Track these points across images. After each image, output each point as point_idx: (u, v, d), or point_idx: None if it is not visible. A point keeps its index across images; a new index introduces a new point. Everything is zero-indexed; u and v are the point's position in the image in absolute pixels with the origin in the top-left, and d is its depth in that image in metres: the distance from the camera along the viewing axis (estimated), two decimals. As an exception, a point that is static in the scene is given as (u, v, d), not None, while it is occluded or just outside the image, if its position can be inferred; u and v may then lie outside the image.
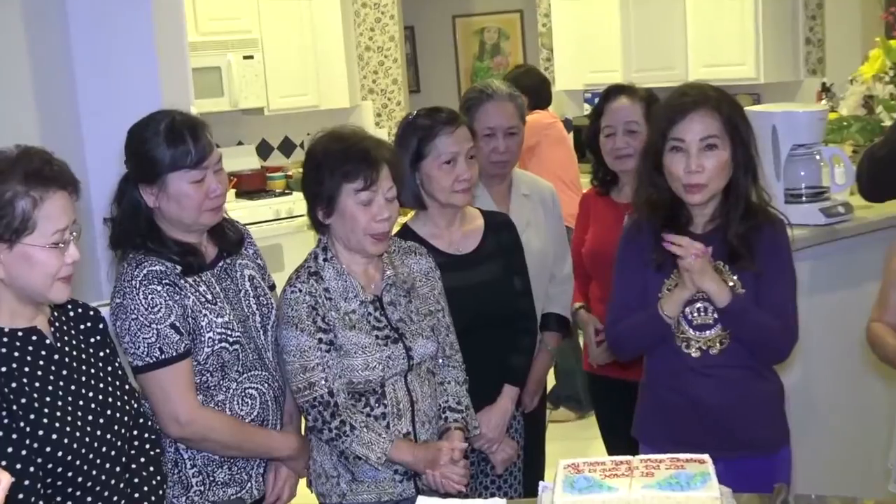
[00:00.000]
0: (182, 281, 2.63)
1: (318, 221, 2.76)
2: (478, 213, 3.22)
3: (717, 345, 2.71)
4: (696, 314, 2.71)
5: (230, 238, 2.80)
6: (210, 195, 2.64)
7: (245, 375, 2.71)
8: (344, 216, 2.70)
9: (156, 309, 2.57)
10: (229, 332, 2.66)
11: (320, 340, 2.67)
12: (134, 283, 2.58)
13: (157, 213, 2.67)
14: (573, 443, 5.21)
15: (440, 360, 2.88)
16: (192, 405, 2.60)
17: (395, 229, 2.94)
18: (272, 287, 2.91)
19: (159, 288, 2.58)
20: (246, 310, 2.75)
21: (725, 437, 2.68)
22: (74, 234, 2.25)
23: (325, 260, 2.76)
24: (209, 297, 2.66)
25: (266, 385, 2.75)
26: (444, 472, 2.69)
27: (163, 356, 2.56)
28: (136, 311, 2.57)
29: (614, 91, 3.51)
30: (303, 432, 2.85)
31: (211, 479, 2.69)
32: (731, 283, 2.68)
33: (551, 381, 5.33)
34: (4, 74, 3.27)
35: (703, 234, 2.72)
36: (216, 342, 2.64)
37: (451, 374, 2.90)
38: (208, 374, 2.66)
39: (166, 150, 2.59)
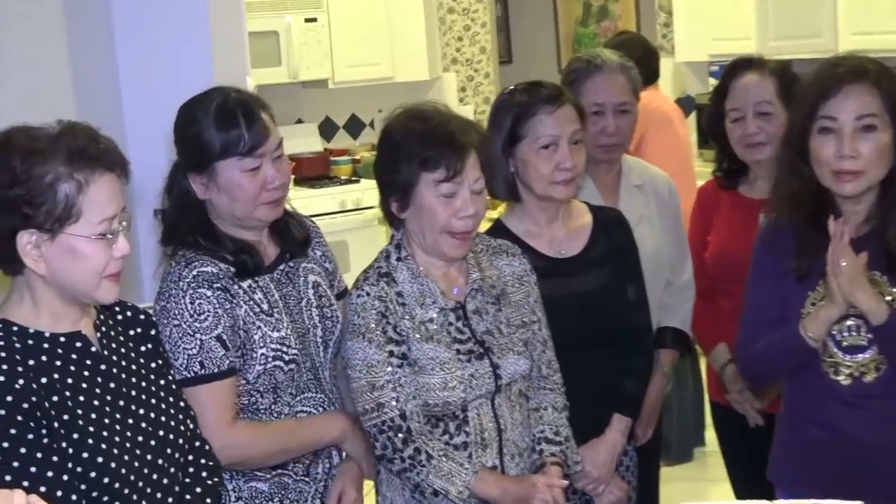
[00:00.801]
0: (235, 286, 2.66)
1: (391, 214, 2.78)
2: (585, 209, 3.20)
3: (873, 371, 2.66)
4: (846, 334, 2.67)
5: (295, 236, 2.83)
6: (267, 186, 2.67)
7: (298, 398, 2.75)
8: (421, 210, 2.71)
9: (202, 317, 2.61)
10: (285, 349, 2.69)
11: (391, 353, 2.68)
12: (181, 284, 2.62)
13: (208, 206, 2.71)
14: (689, 485, 5.17)
15: (535, 382, 2.88)
16: (227, 427, 2.63)
17: (484, 226, 2.94)
18: (341, 295, 2.93)
19: (209, 293, 2.62)
20: (307, 322, 2.78)
21: (881, 482, 2.63)
22: (124, 223, 2.28)
23: (398, 259, 2.78)
24: (265, 306, 2.69)
25: (321, 410, 2.78)
26: None
27: (203, 371, 2.60)
28: (179, 317, 2.61)
29: (740, 66, 3.47)
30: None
31: None
32: (889, 298, 2.63)
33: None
34: (34, 40, 3.34)
35: (857, 237, 2.67)
36: (270, 360, 2.67)
37: (549, 399, 2.89)
38: (258, 395, 2.69)
39: (216, 134, 2.63)
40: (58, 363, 2.24)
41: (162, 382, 2.42)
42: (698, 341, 3.70)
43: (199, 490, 2.42)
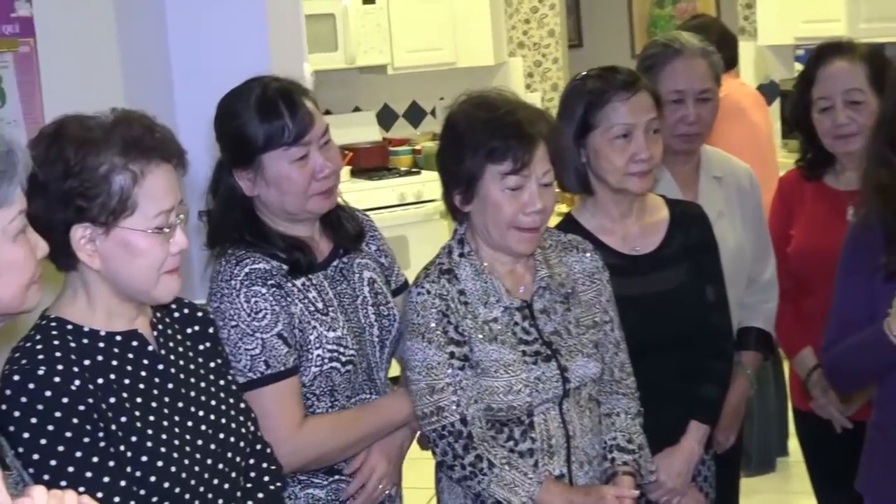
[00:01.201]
0: (289, 284, 2.69)
1: (454, 208, 2.79)
2: (661, 203, 3.20)
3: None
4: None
5: (347, 231, 2.85)
6: (317, 175, 2.69)
7: (353, 400, 2.78)
8: (486, 204, 2.72)
9: (260, 315, 2.64)
10: (342, 350, 2.72)
11: (452, 355, 2.70)
12: (234, 283, 2.65)
13: (256, 203, 2.73)
14: (771, 498, 5.15)
15: (606, 386, 2.88)
16: (297, 427, 2.65)
17: (554, 221, 2.95)
18: (401, 288, 2.96)
19: (264, 290, 2.65)
20: (363, 320, 2.80)
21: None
22: (181, 216, 2.30)
23: (461, 255, 2.79)
24: (320, 305, 2.72)
25: None
26: None
27: (269, 371, 2.63)
28: (237, 318, 2.64)
29: (828, 51, 3.44)
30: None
31: None
32: None
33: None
34: (83, 26, 3.39)
35: None
36: (326, 361, 2.70)
37: (621, 404, 2.90)
38: (314, 399, 2.72)
39: (259, 126, 2.65)
40: (114, 363, 2.26)
41: (221, 383, 2.44)
42: (781, 345, 3.68)
43: (261, 495, 2.44)
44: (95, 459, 2.15)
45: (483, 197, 2.71)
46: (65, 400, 2.14)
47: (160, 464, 2.21)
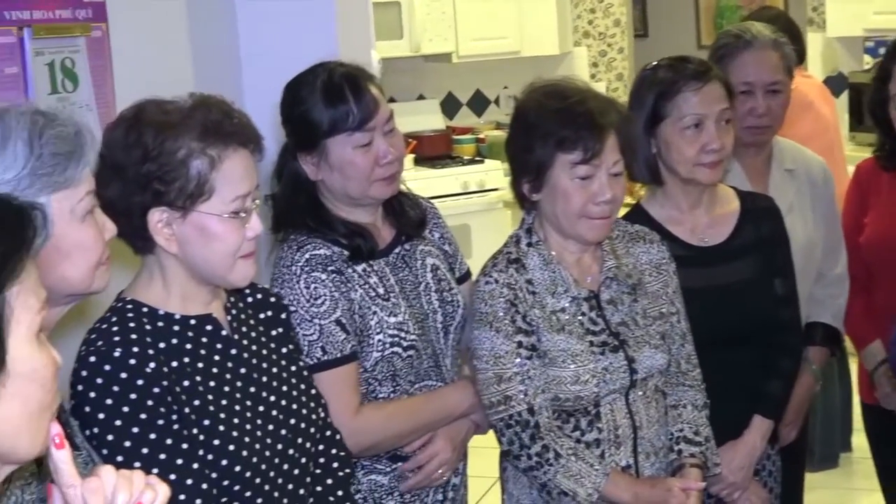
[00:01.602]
0: (350, 270, 2.71)
1: (523, 196, 2.79)
2: (732, 195, 3.18)
3: None
4: None
5: (410, 217, 2.86)
6: (380, 161, 2.70)
7: (417, 386, 2.78)
8: (555, 193, 2.72)
9: (319, 301, 2.65)
10: (403, 335, 2.73)
11: (520, 344, 2.70)
12: (294, 269, 2.67)
13: (320, 188, 2.75)
14: (834, 494, 5.11)
15: (673, 377, 2.87)
16: (354, 413, 2.66)
17: (623, 211, 2.94)
18: (464, 277, 2.96)
19: (324, 276, 2.66)
20: (426, 307, 2.81)
21: None
22: (257, 201, 2.32)
23: (529, 245, 2.79)
24: (381, 290, 2.73)
25: None
26: None
27: (325, 357, 2.64)
28: (296, 303, 2.65)
29: None
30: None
31: None
32: None
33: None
34: (153, 12, 3.41)
35: None
36: (387, 346, 2.71)
37: (688, 396, 2.88)
38: (376, 384, 2.73)
39: (324, 111, 2.67)
40: (188, 346, 2.27)
41: (293, 368, 2.45)
42: (850, 337, 3.65)
43: (329, 481, 2.46)
44: (169, 442, 2.16)
45: (552, 186, 2.71)
46: (140, 382, 2.16)
47: (232, 448, 2.22)
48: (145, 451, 2.14)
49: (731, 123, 3.05)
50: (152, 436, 2.15)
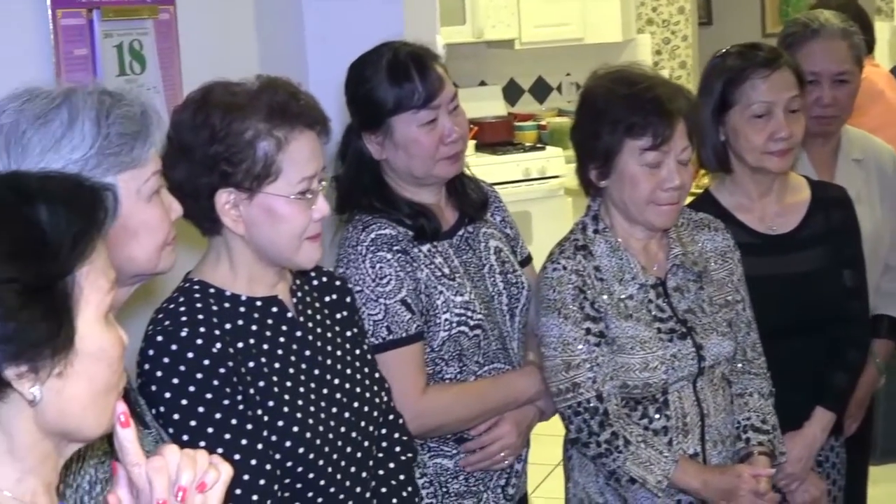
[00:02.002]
0: (415, 249, 2.71)
1: (589, 183, 2.78)
2: (804, 184, 3.15)
3: None
4: None
5: (473, 199, 2.86)
6: (445, 140, 2.70)
7: (486, 368, 2.77)
8: (623, 179, 2.71)
9: (384, 281, 2.66)
10: (470, 314, 2.72)
11: (588, 331, 2.69)
12: (360, 249, 2.68)
13: (384, 167, 2.75)
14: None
15: (739, 366, 2.86)
16: (419, 394, 2.67)
17: (690, 197, 2.93)
18: (526, 261, 2.95)
19: (389, 256, 2.67)
20: (491, 289, 2.81)
21: None
22: (323, 183, 2.32)
23: (595, 232, 2.78)
24: (446, 270, 2.73)
25: None
26: None
27: (391, 336, 2.65)
28: (361, 283, 2.66)
29: None
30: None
31: (444, 490, 2.76)
32: None
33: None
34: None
35: None
36: (454, 325, 2.70)
37: (754, 385, 2.87)
38: (443, 364, 2.73)
39: (389, 89, 2.68)
40: (254, 328, 2.28)
41: (357, 352, 2.46)
42: None
43: (392, 465, 2.46)
44: (234, 422, 2.17)
45: (620, 172, 2.70)
46: (206, 362, 2.17)
47: (295, 429, 2.23)
48: (210, 430, 2.16)
49: (800, 112, 3.02)
50: (217, 416, 2.16)
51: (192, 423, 2.15)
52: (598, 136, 2.70)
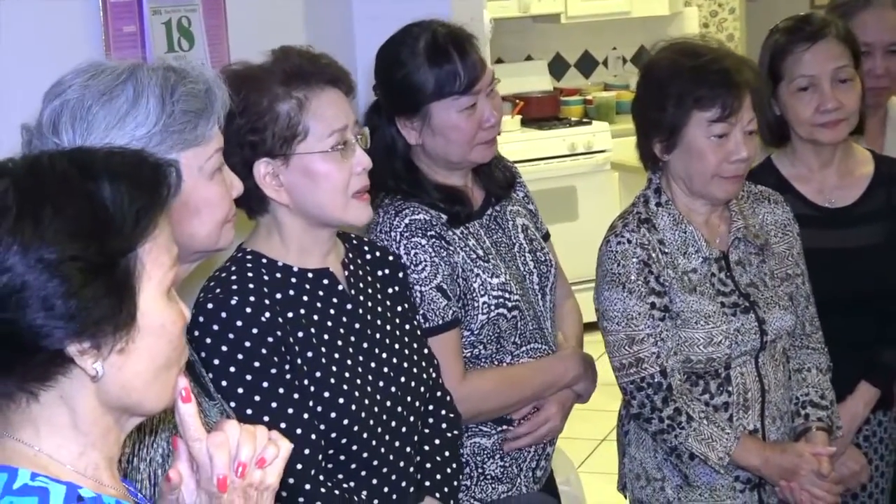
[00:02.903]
0: (450, 233, 2.68)
1: (651, 157, 2.76)
2: (868, 157, 3.12)
3: None
4: None
5: (499, 179, 2.83)
6: (483, 125, 2.66)
7: (524, 349, 2.75)
8: (690, 152, 2.68)
9: (420, 268, 2.62)
10: (508, 295, 2.69)
11: (653, 305, 2.68)
12: (394, 234, 2.64)
13: (416, 151, 2.71)
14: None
15: (797, 340, 2.85)
16: (458, 381, 2.63)
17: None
18: (545, 237, 2.93)
19: (423, 241, 2.63)
20: (522, 268, 2.78)
21: None
22: (359, 136, 2.31)
23: (658, 205, 2.76)
24: (480, 252, 2.71)
25: None
26: (808, 488, 2.67)
27: (427, 324, 2.60)
28: None
29: None
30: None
31: (480, 471, 2.74)
32: None
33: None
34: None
35: None
36: (492, 308, 2.68)
37: (812, 359, 2.86)
38: (481, 347, 2.71)
39: (429, 74, 2.63)
40: (305, 298, 2.29)
41: (407, 327, 2.46)
42: None
43: (437, 441, 2.47)
44: (281, 391, 2.19)
45: (686, 145, 2.68)
46: (255, 331, 2.18)
47: (341, 401, 2.24)
48: (257, 398, 2.17)
49: (852, 81, 2.98)
50: (265, 384, 2.18)
51: (240, 390, 2.17)
52: (664, 109, 2.68)
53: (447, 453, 2.48)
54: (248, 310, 2.20)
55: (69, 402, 1.40)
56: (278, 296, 2.25)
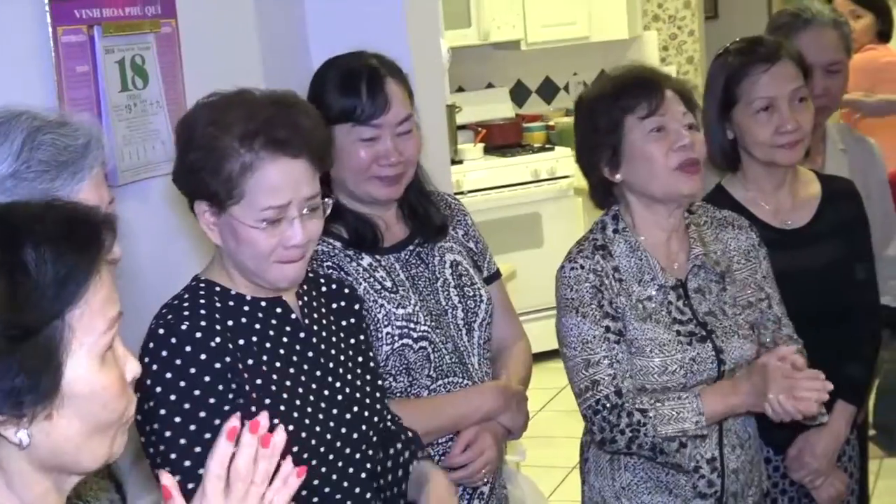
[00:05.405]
0: (353, 264, 2.68)
1: (604, 188, 2.78)
2: (812, 177, 3.15)
3: None
4: None
5: (432, 222, 2.83)
6: (380, 161, 2.68)
7: (440, 382, 2.73)
8: (635, 159, 2.69)
9: None
10: (413, 325, 2.69)
11: (607, 329, 2.68)
12: None
13: (333, 182, 2.71)
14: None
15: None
16: None
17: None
18: (493, 277, 2.93)
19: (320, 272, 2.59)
20: (444, 302, 2.77)
21: None
22: (305, 211, 2.24)
23: (615, 231, 2.77)
24: (388, 284, 2.70)
25: None
26: (790, 390, 2.57)
27: None
28: None
29: None
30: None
31: None
32: None
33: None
34: (223, 4, 3.42)
35: None
36: (396, 338, 2.67)
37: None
38: (391, 379, 2.69)
39: (336, 98, 2.68)
40: (257, 326, 2.28)
41: (360, 359, 2.45)
42: None
43: (389, 464, 2.44)
44: (216, 422, 2.12)
45: (631, 153, 2.70)
46: (203, 356, 2.17)
47: (291, 428, 2.18)
48: (192, 428, 2.14)
49: (806, 101, 3.03)
50: (202, 414, 2.15)
51: (177, 419, 2.15)
52: (598, 130, 2.72)
53: (400, 472, 2.43)
54: (198, 334, 2.18)
55: (2, 463, 1.38)
56: (230, 322, 2.24)
